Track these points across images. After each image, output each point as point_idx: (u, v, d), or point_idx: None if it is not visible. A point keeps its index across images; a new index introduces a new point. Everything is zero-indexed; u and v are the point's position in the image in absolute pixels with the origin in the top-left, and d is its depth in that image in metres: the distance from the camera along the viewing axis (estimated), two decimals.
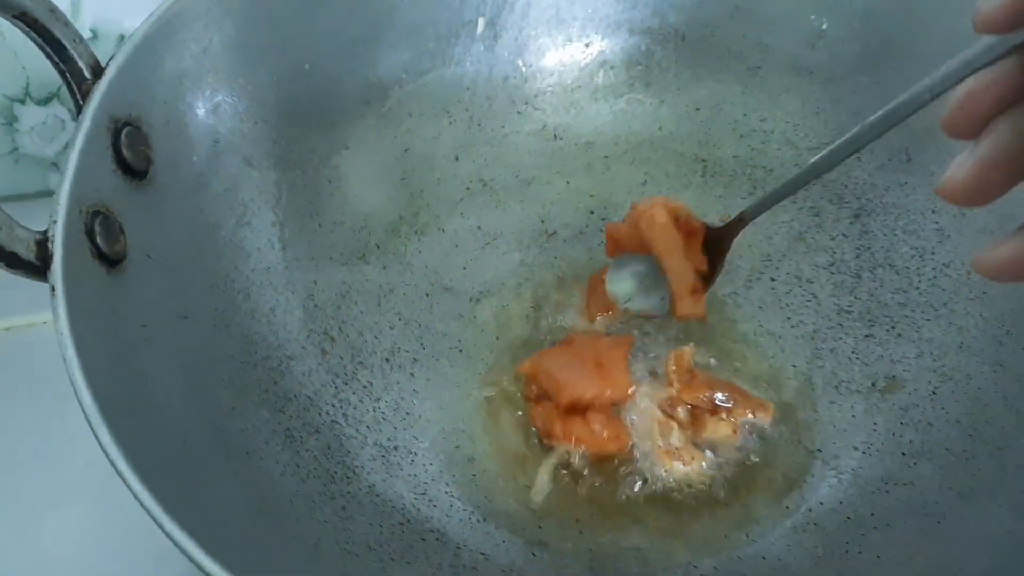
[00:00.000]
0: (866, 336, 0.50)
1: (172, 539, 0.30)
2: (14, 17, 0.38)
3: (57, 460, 0.50)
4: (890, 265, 0.51)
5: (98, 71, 0.40)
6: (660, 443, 0.46)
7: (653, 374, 0.49)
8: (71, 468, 0.49)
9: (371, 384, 0.48)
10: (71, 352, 0.32)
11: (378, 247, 0.52)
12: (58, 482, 0.49)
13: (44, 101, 0.60)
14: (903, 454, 0.45)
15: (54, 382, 0.34)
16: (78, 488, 0.49)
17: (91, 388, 0.32)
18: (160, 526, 0.30)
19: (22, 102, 0.60)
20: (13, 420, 0.51)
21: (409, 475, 0.45)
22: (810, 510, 0.45)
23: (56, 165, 0.63)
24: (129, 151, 0.40)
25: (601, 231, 0.56)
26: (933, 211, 0.50)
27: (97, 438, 0.31)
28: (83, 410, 0.31)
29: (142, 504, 0.30)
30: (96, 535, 0.47)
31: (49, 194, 0.63)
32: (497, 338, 0.52)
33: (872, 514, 0.43)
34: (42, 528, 0.48)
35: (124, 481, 0.30)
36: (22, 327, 0.55)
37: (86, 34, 0.58)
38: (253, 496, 0.38)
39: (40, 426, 0.51)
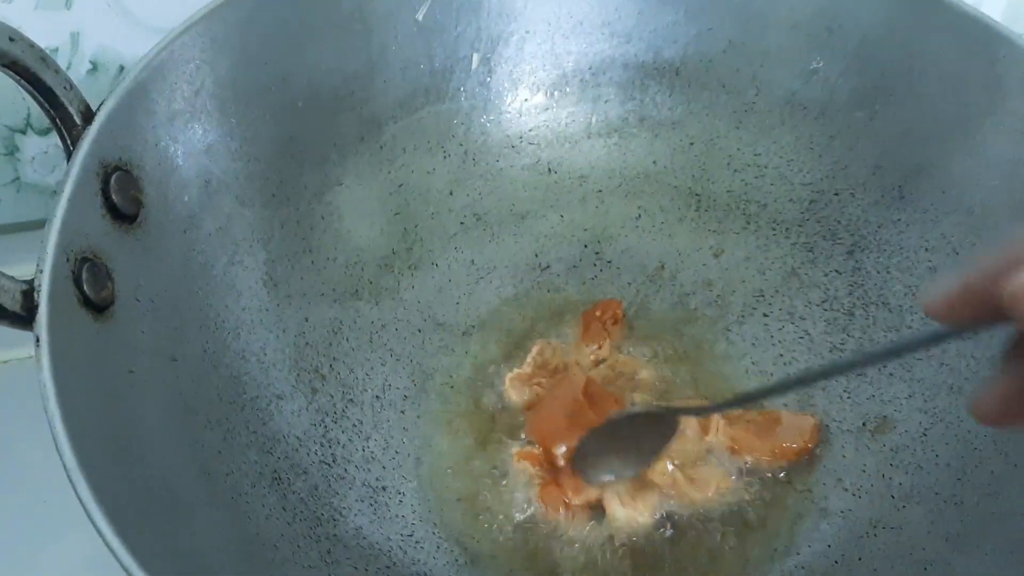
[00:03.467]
0: (858, 375, 0.50)
1: None
2: (4, 66, 0.38)
3: (56, 491, 0.50)
4: (883, 303, 0.51)
5: (88, 116, 0.41)
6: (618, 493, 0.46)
7: None
8: (70, 499, 0.49)
9: (361, 422, 0.48)
10: (53, 404, 0.33)
11: (371, 283, 0.53)
12: (57, 513, 0.49)
13: (45, 131, 0.61)
14: (892, 497, 0.45)
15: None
16: (77, 519, 0.49)
17: (72, 441, 0.32)
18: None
19: (23, 132, 0.61)
20: (10, 451, 0.51)
21: (397, 516, 0.45)
22: (798, 553, 0.44)
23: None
24: (119, 196, 0.41)
25: (595, 264, 0.56)
26: (926, 249, 0.50)
27: (77, 493, 0.31)
28: (63, 464, 0.32)
29: (119, 561, 0.30)
30: (94, 567, 0.48)
31: None
32: (490, 374, 0.52)
33: (860, 559, 0.43)
34: (40, 560, 0.48)
35: (102, 537, 0.30)
36: (18, 360, 0.55)
37: (86, 66, 0.58)
38: (238, 541, 0.38)
39: (38, 457, 0.51)
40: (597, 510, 0.46)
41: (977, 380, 0.46)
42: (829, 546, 0.44)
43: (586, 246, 0.57)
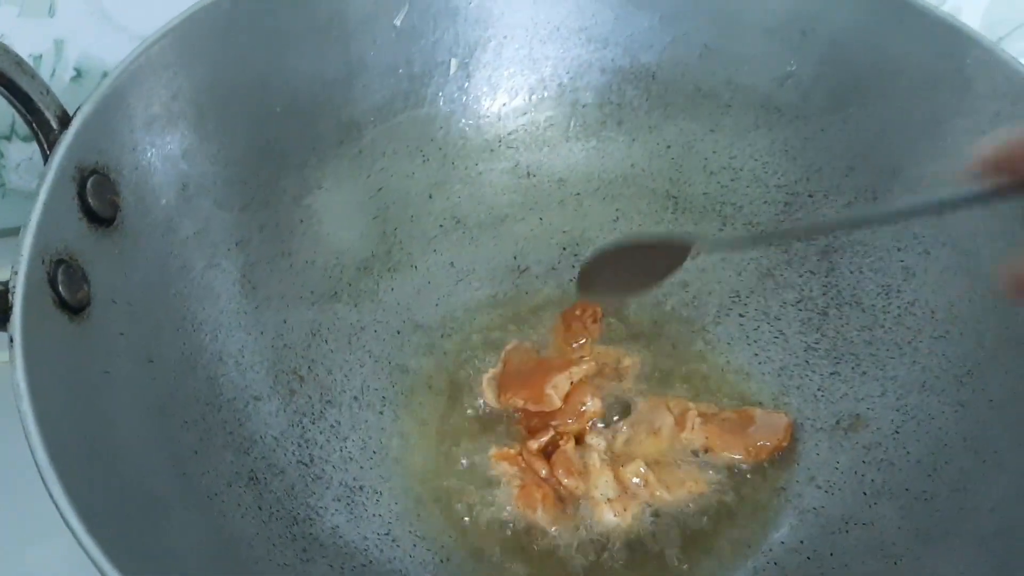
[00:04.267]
0: (832, 373, 0.50)
1: None
2: None
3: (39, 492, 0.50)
4: (856, 303, 0.51)
5: (65, 121, 0.41)
6: (597, 493, 0.46)
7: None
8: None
9: (339, 423, 0.49)
10: (26, 404, 0.33)
11: (350, 285, 0.53)
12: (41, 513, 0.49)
13: (30, 138, 0.61)
14: (864, 493, 0.45)
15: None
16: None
17: (45, 440, 0.32)
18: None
19: (8, 139, 0.61)
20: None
21: (374, 515, 0.46)
22: (771, 549, 0.45)
23: None
24: (95, 199, 0.41)
25: (574, 267, 0.57)
26: (899, 249, 0.51)
27: (49, 492, 0.31)
28: (36, 463, 0.32)
29: (91, 558, 0.30)
30: (79, 569, 0.48)
31: None
32: (468, 375, 0.52)
33: (831, 554, 0.44)
34: (25, 562, 0.48)
35: (74, 535, 0.30)
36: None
37: (70, 73, 0.59)
38: (213, 539, 0.39)
39: (20, 458, 0.51)
40: (572, 507, 0.46)
41: (950, 377, 0.46)
42: (801, 542, 0.45)
43: (564, 248, 0.57)
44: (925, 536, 0.42)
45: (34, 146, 0.61)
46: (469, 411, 0.51)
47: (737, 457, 0.48)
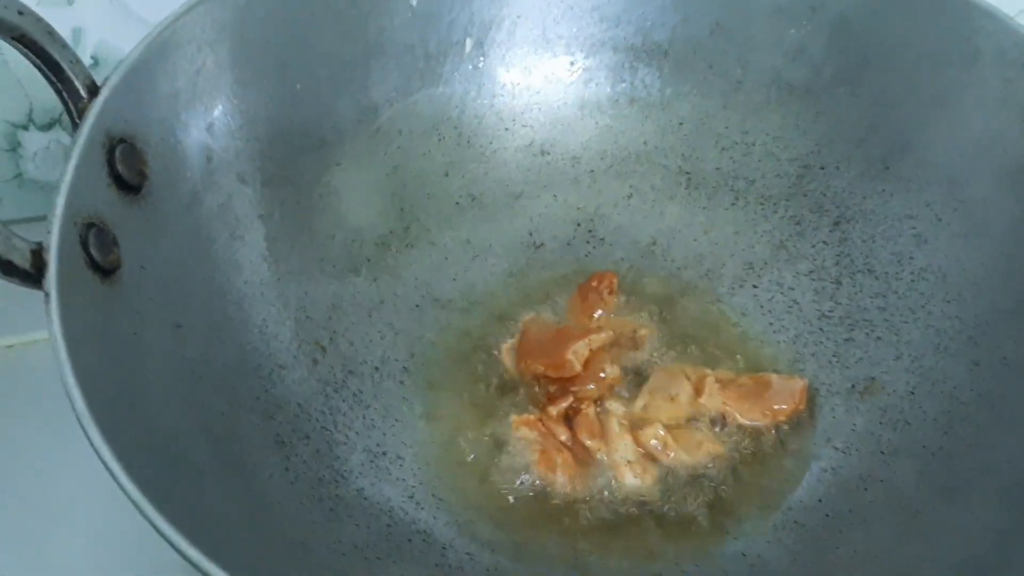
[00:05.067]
0: (846, 340, 0.51)
1: (162, 534, 0.31)
2: (13, 39, 0.40)
3: (60, 476, 0.51)
4: (869, 271, 0.52)
5: (94, 91, 0.42)
6: (617, 456, 0.47)
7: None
8: (74, 484, 0.50)
9: (361, 392, 0.49)
10: (63, 355, 0.34)
11: (369, 260, 0.54)
12: (61, 498, 0.50)
13: (47, 127, 0.62)
14: (882, 452, 0.46)
15: (58, 399, 0.36)
16: (81, 504, 0.50)
17: (83, 389, 0.33)
18: (150, 522, 0.31)
19: (25, 128, 0.62)
20: (15, 437, 0.52)
21: (397, 479, 0.46)
22: (790, 508, 0.45)
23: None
24: (124, 167, 0.42)
25: (588, 242, 0.57)
26: (910, 217, 0.51)
27: (88, 438, 0.32)
28: (74, 411, 0.33)
29: (131, 499, 0.31)
30: (98, 552, 0.48)
31: None
32: (487, 346, 0.53)
33: (850, 511, 0.44)
34: (45, 544, 0.49)
35: (114, 477, 0.31)
36: (25, 344, 0.56)
37: (87, 61, 0.60)
38: (243, 498, 0.39)
39: (43, 443, 0.52)
40: (592, 470, 0.47)
41: (963, 339, 0.47)
42: (820, 501, 0.45)
43: (579, 224, 0.58)
44: (943, 490, 0.42)
45: (51, 135, 0.62)
46: (489, 380, 0.51)
47: (755, 422, 0.48)
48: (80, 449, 0.32)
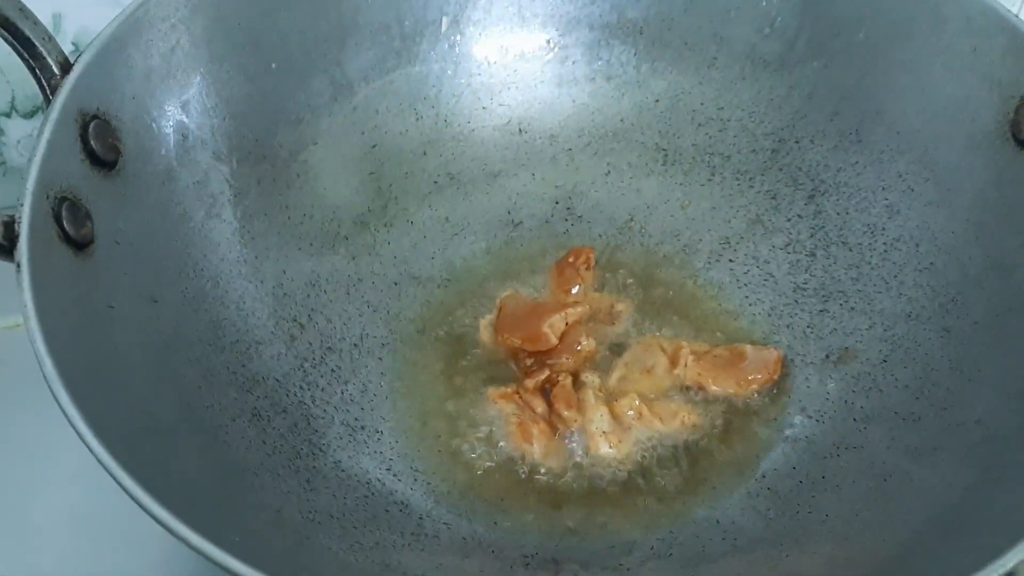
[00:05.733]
0: (820, 311, 0.52)
1: (130, 494, 0.31)
2: None
3: (45, 454, 0.51)
4: (843, 243, 0.53)
5: (67, 67, 0.42)
6: (593, 426, 0.47)
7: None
8: (59, 462, 0.50)
9: (339, 368, 0.50)
10: (34, 323, 0.34)
11: (347, 239, 0.54)
12: (46, 475, 0.50)
13: (30, 114, 0.62)
14: (854, 420, 0.47)
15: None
16: (65, 481, 0.50)
17: (53, 356, 0.33)
18: (118, 482, 0.31)
19: (8, 116, 0.62)
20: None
21: (375, 452, 0.47)
22: (764, 476, 0.46)
23: None
24: (97, 143, 0.42)
25: (566, 220, 0.58)
26: (883, 188, 0.52)
27: (57, 400, 0.32)
28: (44, 376, 0.33)
29: (99, 460, 0.31)
30: (84, 527, 0.49)
31: None
32: (465, 322, 0.53)
33: (823, 477, 0.45)
34: (31, 520, 0.49)
35: (82, 439, 0.31)
36: (12, 327, 0.57)
37: (68, 47, 0.60)
38: (217, 466, 0.40)
39: (28, 421, 0.52)
40: (567, 441, 0.47)
41: (935, 306, 0.47)
42: (794, 468, 0.46)
43: (557, 202, 0.58)
44: (914, 453, 0.43)
45: (35, 123, 0.62)
46: (467, 355, 0.51)
47: (730, 391, 0.49)
48: (65, 433, 0.33)
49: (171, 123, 0.47)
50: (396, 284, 0.54)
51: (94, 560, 0.47)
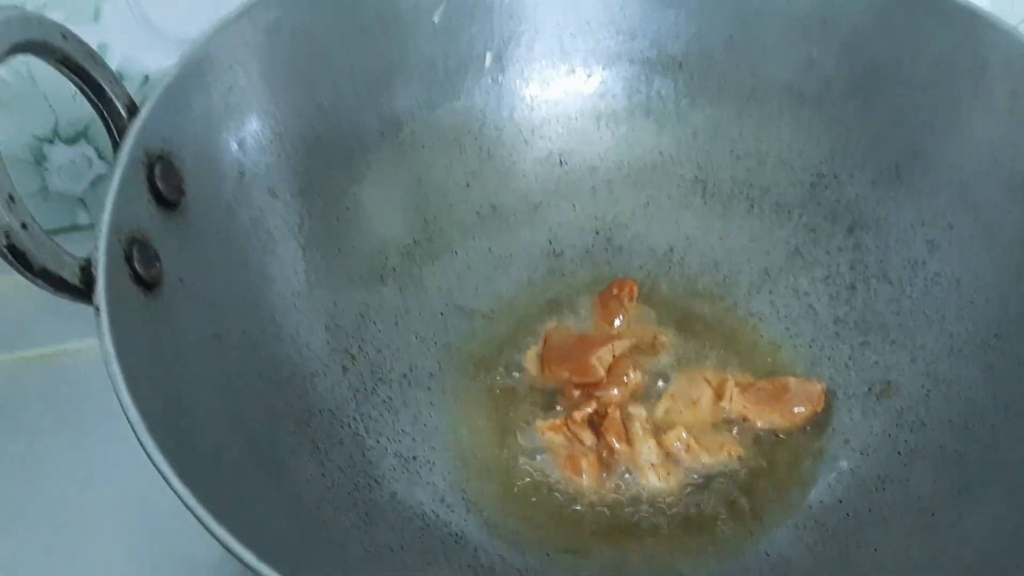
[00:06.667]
0: (862, 344, 0.52)
1: (216, 536, 0.32)
2: (56, 61, 0.41)
3: (102, 484, 0.52)
4: (883, 276, 0.53)
5: (133, 110, 0.44)
6: (642, 459, 0.48)
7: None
8: (117, 492, 0.51)
9: (390, 399, 0.51)
10: (115, 367, 0.35)
11: (395, 270, 0.55)
12: (97, 506, 0.51)
13: (72, 140, 0.63)
14: (899, 453, 0.47)
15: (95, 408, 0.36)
16: (123, 511, 0.50)
17: (136, 402, 0.34)
18: (204, 525, 0.32)
19: (51, 142, 0.63)
20: (58, 444, 0.53)
21: (428, 483, 0.48)
22: (811, 508, 0.47)
23: (83, 202, 0.66)
24: (163, 183, 0.43)
25: (606, 251, 0.59)
26: (923, 224, 0.53)
27: (143, 447, 0.33)
28: (129, 422, 0.34)
29: (186, 505, 0.32)
30: (142, 558, 0.49)
31: (77, 229, 0.66)
32: (511, 353, 0.54)
33: (870, 511, 0.45)
34: (90, 552, 0.49)
35: (169, 485, 0.32)
36: (62, 353, 0.58)
37: None
38: (283, 504, 0.41)
39: (85, 450, 0.53)
40: (617, 473, 0.48)
41: (977, 342, 0.48)
42: (840, 501, 0.47)
43: (598, 233, 0.59)
44: (959, 490, 0.44)
45: (76, 149, 0.64)
46: (514, 387, 0.52)
47: (775, 424, 0.50)
48: (111, 455, 0.33)
49: (229, 162, 0.48)
50: (442, 315, 0.55)
51: None
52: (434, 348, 0.54)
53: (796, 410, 0.49)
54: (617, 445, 0.48)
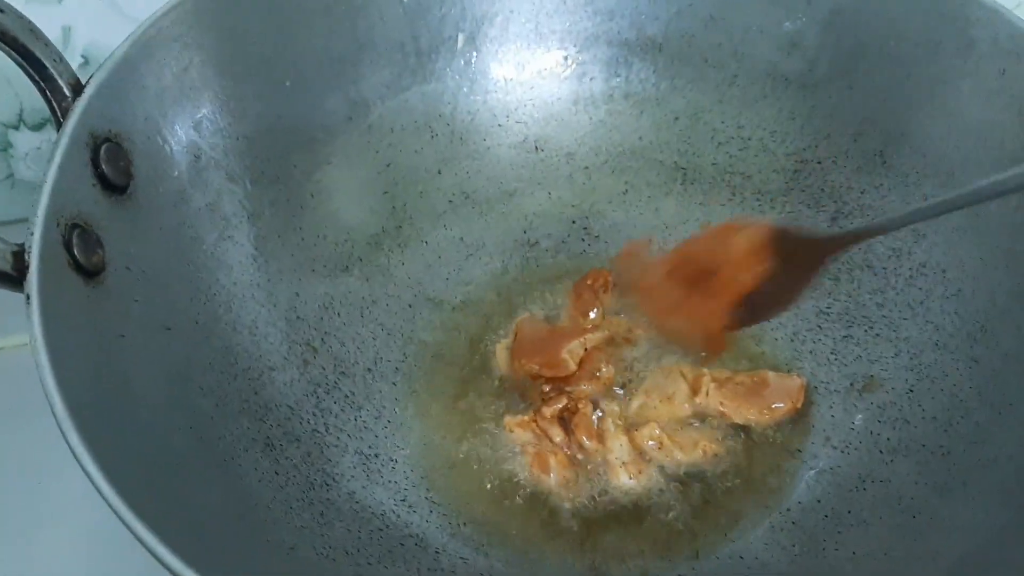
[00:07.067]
0: (844, 337, 0.50)
1: (139, 538, 0.30)
2: None
3: (49, 480, 0.50)
4: (868, 266, 0.51)
5: (78, 89, 0.41)
6: (613, 457, 0.46)
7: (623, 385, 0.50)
8: (63, 489, 0.50)
9: (353, 393, 0.49)
10: (43, 356, 0.33)
11: (361, 260, 0.53)
12: (49, 503, 0.50)
13: (38, 127, 0.62)
14: (880, 451, 0.45)
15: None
16: (69, 508, 0.49)
17: (62, 392, 0.32)
18: (127, 526, 0.30)
19: (16, 128, 0.61)
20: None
21: (389, 481, 0.46)
22: (788, 509, 0.45)
23: None
24: (108, 166, 0.41)
25: (583, 240, 0.57)
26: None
27: (67, 440, 0.31)
28: (53, 413, 0.32)
29: (108, 502, 0.30)
30: (86, 556, 0.48)
31: None
32: (481, 346, 0.52)
33: (849, 511, 0.44)
34: (33, 548, 0.48)
35: (91, 479, 0.31)
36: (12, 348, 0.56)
37: (77, 60, 0.59)
38: (230, 501, 0.39)
39: (31, 446, 0.51)
40: (586, 471, 0.47)
41: (963, 335, 0.46)
42: (819, 501, 0.45)
43: (574, 222, 0.57)
44: (943, 489, 0.42)
45: (43, 136, 0.62)
46: (482, 381, 0.51)
47: (752, 420, 0.48)
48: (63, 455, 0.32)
49: (184, 144, 0.46)
50: (411, 306, 0.53)
51: None
52: (401, 340, 0.52)
53: (775, 406, 0.47)
54: (587, 443, 0.46)
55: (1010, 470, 0.40)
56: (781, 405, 0.48)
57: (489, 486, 0.46)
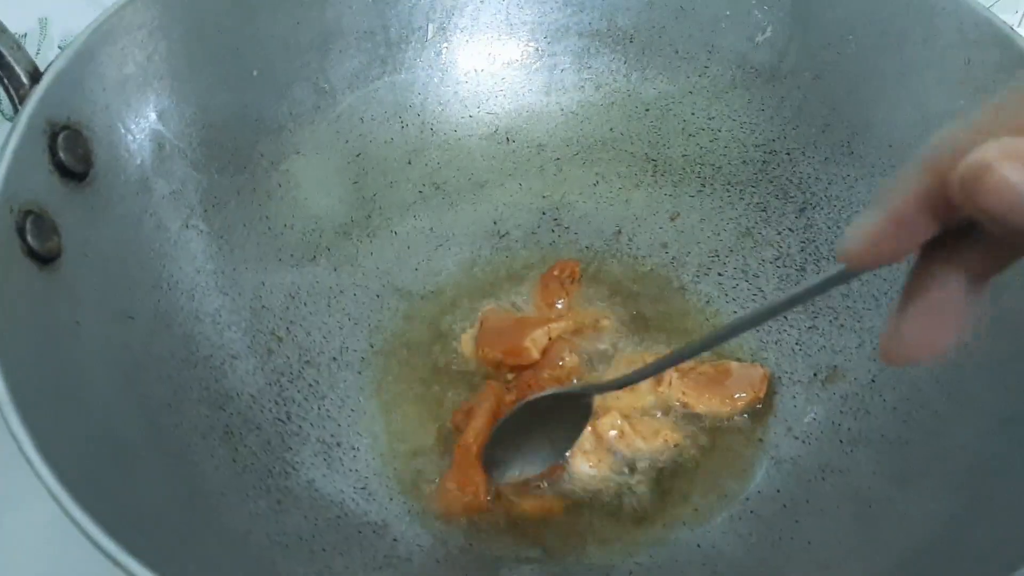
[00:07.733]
0: (809, 328, 0.50)
1: (77, 524, 0.30)
2: None
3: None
4: (834, 257, 0.51)
5: (36, 77, 0.41)
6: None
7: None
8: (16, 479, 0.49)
9: (317, 382, 0.49)
10: None
11: (329, 249, 0.53)
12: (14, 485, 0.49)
13: (9, 119, 0.61)
14: (841, 442, 0.45)
15: None
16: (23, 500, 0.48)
17: (6, 376, 0.32)
18: (63, 507, 0.30)
19: None
20: None
21: (350, 470, 0.46)
22: (748, 499, 0.45)
23: None
24: (67, 154, 0.41)
25: (553, 231, 0.57)
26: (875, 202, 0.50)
27: (6, 422, 0.31)
28: None
29: (48, 488, 0.30)
30: (52, 539, 0.47)
31: None
32: (447, 336, 0.52)
33: (807, 501, 0.44)
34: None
35: (32, 467, 0.31)
36: None
37: (54, 51, 0.59)
38: (181, 489, 0.39)
39: None
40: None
41: None
42: (778, 491, 0.45)
43: (544, 213, 0.57)
44: (899, 479, 0.42)
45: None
46: (447, 370, 0.51)
47: (714, 410, 0.48)
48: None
49: (147, 133, 0.46)
50: (378, 296, 0.53)
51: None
52: (367, 330, 0.52)
53: (737, 396, 0.47)
54: None
55: (963, 460, 0.40)
56: (743, 395, 0.48)
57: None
